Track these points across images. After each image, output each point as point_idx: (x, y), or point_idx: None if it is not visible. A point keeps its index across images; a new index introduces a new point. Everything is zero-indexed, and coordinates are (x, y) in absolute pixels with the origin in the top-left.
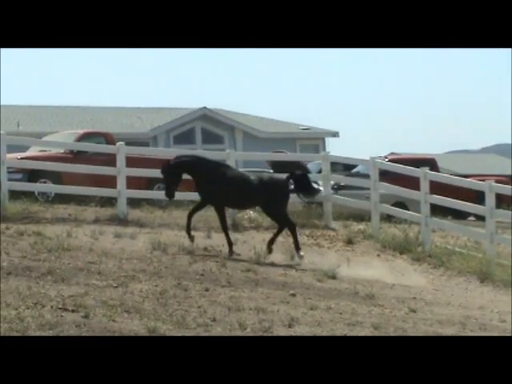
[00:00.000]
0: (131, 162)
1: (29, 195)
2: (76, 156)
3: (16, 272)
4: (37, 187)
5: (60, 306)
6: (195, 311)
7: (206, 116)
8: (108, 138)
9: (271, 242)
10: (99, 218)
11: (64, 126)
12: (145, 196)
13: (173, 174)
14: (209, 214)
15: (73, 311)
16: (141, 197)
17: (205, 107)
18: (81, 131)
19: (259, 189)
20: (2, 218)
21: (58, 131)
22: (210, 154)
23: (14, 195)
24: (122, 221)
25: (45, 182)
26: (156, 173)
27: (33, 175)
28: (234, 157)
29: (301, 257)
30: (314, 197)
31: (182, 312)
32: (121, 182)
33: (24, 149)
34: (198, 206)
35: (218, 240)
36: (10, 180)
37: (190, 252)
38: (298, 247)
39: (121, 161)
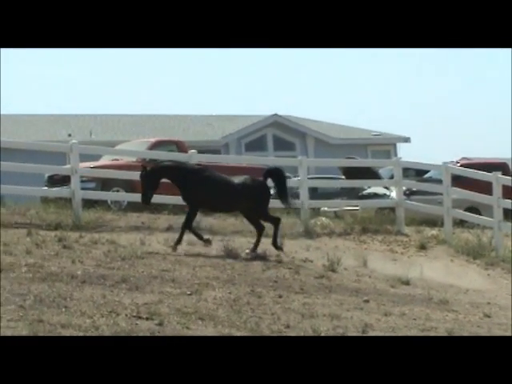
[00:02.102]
0: None
1: (102, 204)
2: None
3: (90, 280)
4: (110, 196)
5: (134, 314)
6: (269, 318)
7: (277, 123)
8: (180, 146)
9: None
10: (172, 225)
11: (136, 134)
12: None
13: (151, 179)
14: (281, 220)
15: (147, 319)
16: None
17: (276, 114)
18: (153, 139)
19: (242, 192)
20: (75, 227)
21: (131, 140)
22: (282, 160)
23: (88, 204)
24: (195, 228)
25: (118, 191)
26: None
27: (106, 184)
28: (305, 163)
29: (279, 249)
30: (286, 201)
31: (256, 319)
32: None
33: (97, 158)
34: (191, 215)
35: (291, 247)
36: (83, 189)
37: (263, 259)
38: (275, 241)
39: None
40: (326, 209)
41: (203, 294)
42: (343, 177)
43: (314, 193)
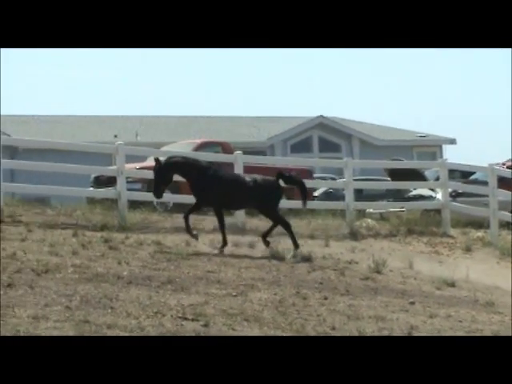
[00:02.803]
0: (248, 170)
1: (147, 205)
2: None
3: (136, 281)
4: None
5: (180, 315)
6: (314, 320)
7: (322, 124)
8: (225, 148)
9: (265, 236)
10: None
11: (182, 135)
12: None
13: (164, 174)
14: (326, 222)
15: (193, 320)
16: None
17: (322, 115)
18: (199, 141)
19: (253, 190)
20: (121, 228)
21: (176, 141)
22: (327, 162)
23: (133, 205)
24: (240, 229)
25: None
26: None
27: (151, 185)
28: (351, 165)
29: (294, 256)
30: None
31: (302, 321)
32: None
33: (142, 159)
34: (194, 208)
35: (336, 248)
36: (129, 190)
37: (308, 260)
38: (296, 244)
39: (238, 170)
40: (371, 210)
41: (249, 296)
42: (389, 178)
43: (360, 194)
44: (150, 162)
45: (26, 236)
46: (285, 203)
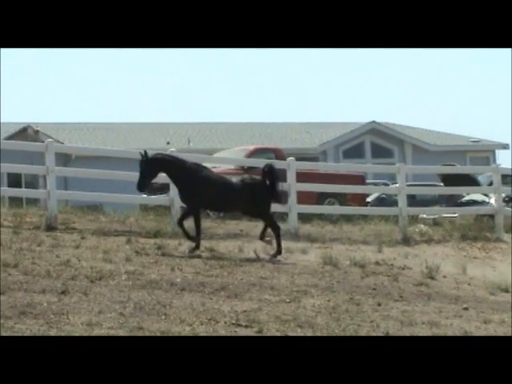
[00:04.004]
0: (301, 176)
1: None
2: (247, 172)
3: (190, 288)
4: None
5: (233, 322)
6: (368, 326)
7: (375, 130)
8: (278, 154)
9: (262, 234)
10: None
11: (234, 142)
12: (315, 211)
13: (149, 168)
14: (379, 228)
15: (246, 326)
16: (311, 211)
17: (374, 121)
18: (251, 147)
19: (242, 191)
20: (174, 235)
21: (229, 147)
22: (380, 168)
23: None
24: (293, 236)
25: None
26: (326, 188)
27: None
28: (403, 170)
29: (268, 242)
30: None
31: (355, 327)
32: (292, 197)
33: None
34: (186, 214)
35: (390, 254)
36: None
37: (361, 266)
38: (279, 249)
39: (291, 176)
40: (424, 216)
41: (302, 302)
42: (441, 184)
43: (412, 200)
44: None
45: (79, 243)
46: (337, 209)
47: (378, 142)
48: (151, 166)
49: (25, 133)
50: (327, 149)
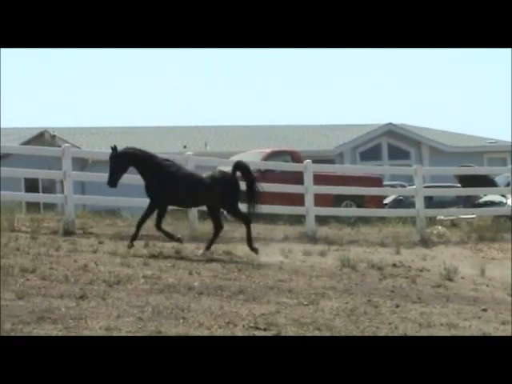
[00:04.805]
0: (318, 179)
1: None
2: (263, 175)
3: (208, 291)
4: (250, 207)
5: (252, 325)
6: (386, 328)
7: (391, 132)
8: (294, 156)
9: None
10: (288, 235)
11: (251, 145)
12: (333, 213)
13: (119, 163)
14: (397, 229)
15: (265, 330)
16: (329, 214)
17: (390, 123)
18: (268, 150)
19: (211, 186)
20: (192, 238)
21: (245, 150)
22: (397, 169)
23: (204, 215)
24: (311, 238)
25: None
26: (343, 190)
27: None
28: (420, 172)
29: (255, 250)
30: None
31: (374, 329)
32: (309, 200)
33: (212, 169)
34: (160, 215)
35: (407, 256)
36: None
37: (379, 268)
38: (250, 243)
39: (308, 178)
40: (442, 217)
41: (320, 304)
42: (459, 185)
43: (430, 201)
44: None
45: (97, 248)
46: (354, 211)
47: (395, 144)
48: (121, 161)
49: (41, 138)
50: (344, 151)
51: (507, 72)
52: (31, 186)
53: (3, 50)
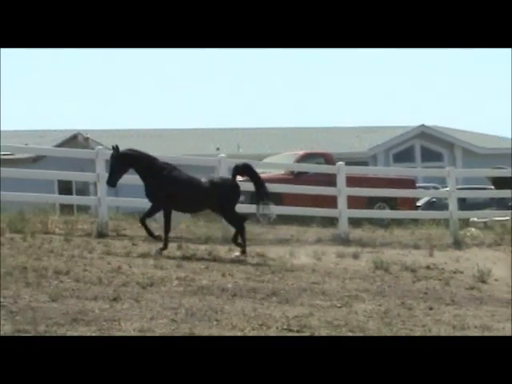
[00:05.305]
0: (351, 181)
1: (251, 217)
2: (296, 177)
3: (241, 293)
4: (259, 209)
5: (285, 327)
6: (420, 330)
7: (424, 133)
8: (327, 158)
9: (234, 239)
10: (321, 238)
11: (284, 147)
12: (366, 215)
13: (120, 164)
14: (430, 232)
15: (298, 332)
16: (362, 216)
17: (423, 125)
18: (301, 152)
19: (209, 190)
20: (225, 241)
21: (279, 153)
22: (430, 171)
23: None
24: (344, 240)
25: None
26: (376, 192)
27: (254, 197)
28: (453, 174)
29: (242, 255)
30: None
31: (407, 331)
32: (342, 202)
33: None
34: (151, 211)
35: (441, 258)
36: None
37: (412, 271)
38: (244, 248)
39: (341, 181)
40: (475, 219)
41: (353, 307)
42: (492, 187)
43: (463, 203)
44: None
45: (130, 250)
46: (387, 213)
47: (428, 146)
48: (121, 161)
49: (75, 140)
50: (377, 153)
51: None
52: (65, 188)
53: (39, 51)
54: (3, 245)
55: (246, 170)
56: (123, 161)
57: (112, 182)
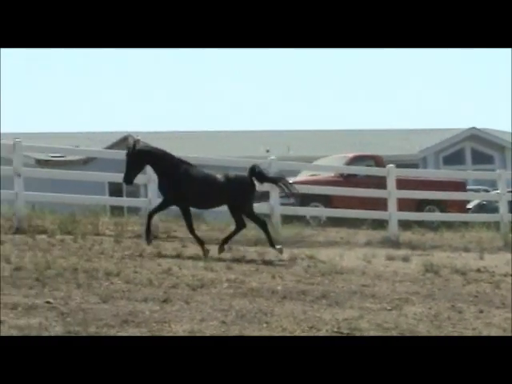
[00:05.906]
0: (401, 183)
1: (300, 219)
2: (346, 179)
3: (291, 296)
4: (309, 211)
5: (335, 330)
6: (470, 333)
7: (475, 136)
8: (377, 161)
9: (225, 240)
10: (371, 240)
11: (333, 149)
12: (416, 218)
13: (136, 161)
14: (480, 234)
15: (348, 334)
16: (412, 218)
17: (474, 127)
18: (351, 154)
19: (225, 187)
20: (275, 242)
21: (328, 155)
22: (481, 174)
23: (286, 219)
24: (394, 243)
25: (316, 206)
26: (426, 194)
27: (304, 199)
28: (504, 176)
29: (280, 251)
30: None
31: (457, 334)
32: (392, 204)
33: (295, 173)
34: (161, 207)
35: (491, 261)
36: (282, 204)
37: (463, 274)
38: (272, 243)
39: (391, 183)
40: None
41: (403, 310)
42: None
43: None
44: (303, 177)
45: (180, 251)
46: (437, 216)
47: (478, 148)
48: (138, 158)
49: (125, 142)
50: (427, 155)
51: None
52: (115, 189)
53: (90, 51)
54: (54, 246)
55: (253, 173)
56: (139, 157)
57: (128, 179)
